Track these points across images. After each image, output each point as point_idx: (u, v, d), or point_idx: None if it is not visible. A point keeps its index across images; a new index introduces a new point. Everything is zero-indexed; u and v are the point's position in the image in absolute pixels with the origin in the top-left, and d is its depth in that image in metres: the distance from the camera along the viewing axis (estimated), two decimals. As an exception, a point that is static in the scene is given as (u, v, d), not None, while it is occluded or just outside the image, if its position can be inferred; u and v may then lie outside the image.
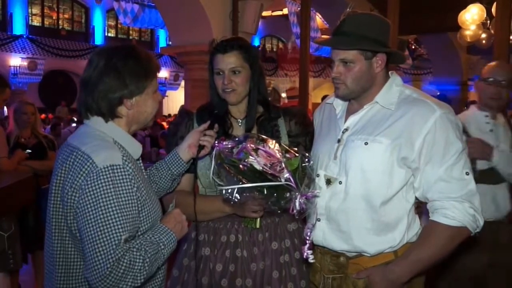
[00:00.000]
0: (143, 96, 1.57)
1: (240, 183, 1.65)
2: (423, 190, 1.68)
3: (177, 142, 1.90)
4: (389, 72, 1.80)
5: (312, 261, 1.71)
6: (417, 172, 1.68)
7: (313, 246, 1.87)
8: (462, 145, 1.66)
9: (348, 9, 1.71)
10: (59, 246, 1.51)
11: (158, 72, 1.64)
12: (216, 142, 1.76)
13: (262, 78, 1.99)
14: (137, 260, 1.40)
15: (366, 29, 1.68)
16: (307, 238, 1.71)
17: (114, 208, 1.39)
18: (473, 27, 6.51)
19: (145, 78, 1.56)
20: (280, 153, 1.69)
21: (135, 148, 1.60)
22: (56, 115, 13.39)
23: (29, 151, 3.90)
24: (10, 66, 16.05)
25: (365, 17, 1.74)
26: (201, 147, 1.82)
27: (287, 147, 1.74)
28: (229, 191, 1.66)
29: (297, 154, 1.70)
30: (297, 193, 1.63)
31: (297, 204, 1.63)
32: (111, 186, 1.40)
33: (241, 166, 1.65)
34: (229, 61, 1.90)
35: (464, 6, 6.45)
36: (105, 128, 1.55)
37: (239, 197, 1.65)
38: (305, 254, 1.69)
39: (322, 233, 1.79)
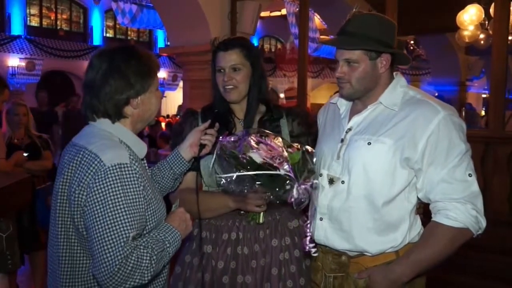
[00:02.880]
0: (147, 94, 1.59)
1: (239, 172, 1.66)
2: (426, 191, 1.68)
3: (182, 141, 1.90)
4: (394, 73, 1.80)
5: (315, 254, 1.71)
6: (420, 173, 1.68)
7: (315, 244, 1.87)
8: (465, 147, 1.66)
9: (354, 10, 1.71)
10: (64, 245, 1.52)
11: (159, 69, 1.66)
12: (221, 137, 1.78)
13: (263, 78, 1.99)
14: (145, 258, 1.41)
15: (371, 30, 1.69)
16: (307, 231, 1.73)
17: (122, 206, 1.40)
18: (471, 27, 6.52)
19: (148, 76, 1.58)
20: (282, 147, 1.70)
21: (141, 148, 1.61)
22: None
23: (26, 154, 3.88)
24: (8, 66, 15.98)
25: (370, 18, 1.74)
26: (202, 146, 1.82)
27: (290, 143, 1.76)
28: (228, 179, 1.67)
29: (299, 149, 1.72)
30: (296, 183, 1.65)
31: (294, 192, 1.64)
32: (119, 184, 1.41)
33: (240, 157, 1.66)
34: (230, 58, 1.91)
35: (462, 6, 6.46)
36: (112, 128, 1.56)
37: (236, 185, 1.66)
38: (307, 247, 1.71)
39: (324, 232, 1.79)
